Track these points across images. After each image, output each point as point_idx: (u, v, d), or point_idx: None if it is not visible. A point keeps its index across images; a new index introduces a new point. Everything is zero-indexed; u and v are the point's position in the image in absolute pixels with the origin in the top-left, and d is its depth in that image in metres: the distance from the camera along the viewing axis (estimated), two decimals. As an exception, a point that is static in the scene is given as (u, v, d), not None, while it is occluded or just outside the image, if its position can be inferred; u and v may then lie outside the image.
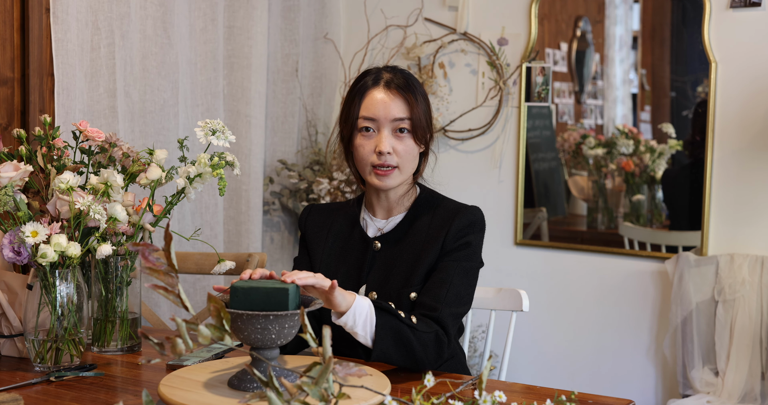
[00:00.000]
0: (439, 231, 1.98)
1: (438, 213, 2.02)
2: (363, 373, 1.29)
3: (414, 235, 2.01)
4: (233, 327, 1.58)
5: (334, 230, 2.09)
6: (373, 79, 1.99)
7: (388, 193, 2.04)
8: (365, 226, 2.08)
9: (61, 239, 1.78)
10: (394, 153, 1.95)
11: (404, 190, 2.04)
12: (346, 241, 2.07)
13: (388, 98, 1.96)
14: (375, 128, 1.97)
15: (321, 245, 2.09)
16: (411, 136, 1.96)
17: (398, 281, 1.98)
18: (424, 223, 2.01)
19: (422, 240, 1.99)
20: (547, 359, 3.39)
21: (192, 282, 3.15)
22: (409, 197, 2.06)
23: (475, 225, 1.99)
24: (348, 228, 2.09)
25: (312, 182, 3.43)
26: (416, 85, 2.00)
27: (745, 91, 2.99)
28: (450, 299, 1.91)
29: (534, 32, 3.34)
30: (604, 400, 1.68)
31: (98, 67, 2.73)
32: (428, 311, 1.88)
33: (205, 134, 1.91)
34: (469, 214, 1.99)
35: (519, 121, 3.38)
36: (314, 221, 2.13)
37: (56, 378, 1.76)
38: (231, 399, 1.54)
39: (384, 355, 1.77)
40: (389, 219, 2.06)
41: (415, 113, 1.95)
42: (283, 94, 3.54)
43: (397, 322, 1.79)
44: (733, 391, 2.87)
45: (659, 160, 3.23)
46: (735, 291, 2.92)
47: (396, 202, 2.05)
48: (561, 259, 3.36)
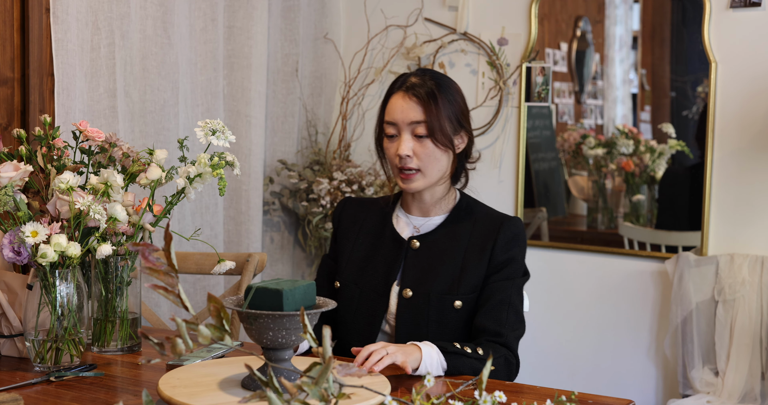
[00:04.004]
0: (484, 241, 2.00)
1: (479, 221, 2.03)
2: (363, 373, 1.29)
3: (456, 239, 2.02)
4: (246, 328, 1.60)
5: (365, 227, 2.11)
6: (399, 83, 2.01)
7: (423, 195, 2.05)
8: (398, 223, 2.09)
9: (61, 239, 1.78)
10: (414, 156, 1.97)
11: (441, 193, 2.05)
12: (376, 239, 2.09)
13: (405, 102, 1.97)
14: (396, 132, 1.99)
15: (350, 241, 2.11)
16: (430, 140, 1.96)
17: (440, 285, 1.99)
18: (465, 229, 2.02)
19: (465, 247, 2.00)
20: (547, 359, 3.38)
21: (192, 282, 3.15)
22: (448, 201, 2.07)
23: (519, 238, 2.02)
24: (380, 225, 2.10)
25: (312, 182, 3.43)
26: (441, 89, 1.98)
27: (745, 91, 2.99)
28: (512, 321, 1.95)
29: (534, 32, 3.34)
30: (604, 400, 1.68)
31: (98, 67, 2.73)
32: (494, 337, 1.93)
33: (205, 134, 1.91)
34: (513, 227, 2.01)
35: (519, 121, 3.38)
36: (347, 216, 2.15)
37: (56, 378, 1.76)
38: (231, 399, 1.54)
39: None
40: (428, 219, 2.07)
41: (431, 117, 1.95)
42: (283, 94, 3.54)
43: (465, 359, 1.83)
44: (733, 391, 2.87)
45: (659, 160, 3.23)
46: (735, 291, 2.92)
47: (433, 203, 2.06)
48: (561, 259, 3.36)
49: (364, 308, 2.04)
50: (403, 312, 1.99)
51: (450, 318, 1.97)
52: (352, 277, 2.08)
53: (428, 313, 1.97)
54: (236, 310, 1.58)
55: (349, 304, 2.06)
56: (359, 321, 2.04)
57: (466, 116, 2.04)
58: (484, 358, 1.84)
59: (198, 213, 3.13)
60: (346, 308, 2.06)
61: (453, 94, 2.01)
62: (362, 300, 2.04)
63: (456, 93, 2.02)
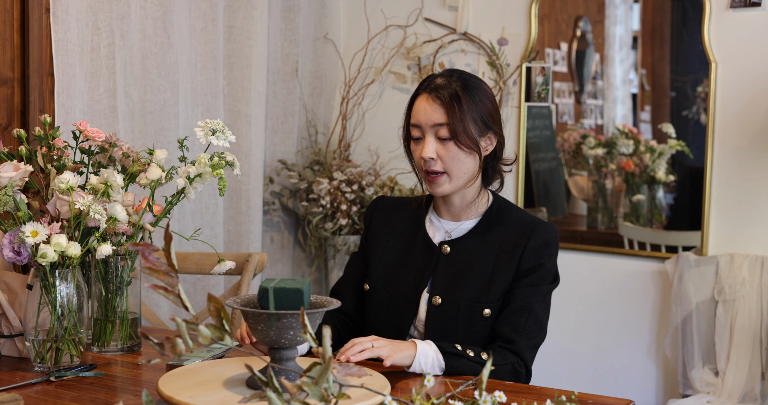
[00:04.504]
0: (515, 247, 1.95)
1: (512, 225, 1.98)
2: (363, 372, 1.29)
3: (487, 245, 1.97)
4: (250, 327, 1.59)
5: (397, 229, 2.07)
6: (425, 85, 1.97)
7: (453, 199, 2.01)
8: (430, 227, 2.05)
9: (61, 239, 1.78)
10: (439, 159, 1.93)
11: (472, 196, 2.00)
12: (408, 242, 2.05)
13: (428, 104, 1.93)
14: (421, 134, 1.95)
15: (382, 243, 2.07)
16: (454, 143, 1.92)
17: (469, 292, 1.95)
18: (498, 234, 1.98)
19: (496, 253, 1.96)
20: (547, 359, 3.38)
21: (192, 282, 3.15)
22: (479, 204, 2.02)
23: (550, 245, 1.98)
24: (412, 228, 2.06)
25: (312, 182, 3.43)
26: (468, 90, 1.93)
27: (745, 91, 2.99)
28: (529, 329, 1.91)
29: (534, 32, 3.34)
30: (604, 400, 1.68)
31: (98, 67, 2.73)
32: (506, 344, 1.89)
33: (205, 134, 1.91)
34: (544, 233, 1.97)
35: (519, 121, 3.38)
36: (379, 217, 2.11)
37: (56, 378, 1.76)
38: (231, 398, 1.54)
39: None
40: (459, 223, 2.02)
41: (453, 119, 1.90)
42: (283, 94, 3.54)
43: (465, 361, 1.80)
44: (733, 391, 2.87)
45: (659, 160, 3.23)
46: (735, 291, 2.92)
47: (463, 207, 2.01)
48: (561, 259, 3.34)
49: (393, 313, 2.00)
50: (432, 319, 1.96)
51: (479, 326, 1.93)
52: (382, 281, 2.04)
53: (457, 321, 1.94)
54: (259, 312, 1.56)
55: (378, 308, 2.03)
56: (388, 326, 2.00)
57: (495, 117, 1.98)
58: (485, 361, 1.80)
59: (198, 213, 3.13)
60: (375, 312, 2.03)
61: (480, 95, 1.95)
62: (391, 305, 2.00)
63: (484, 94, 1.96)
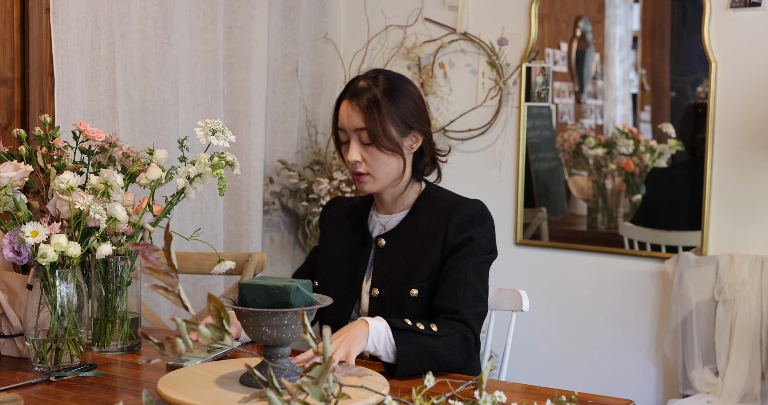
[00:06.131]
0: (438, 226, 2.00)
1: (438, 207, 2.03)
2: (363, 372, 1.29)
3: (416, 231, 2.03)
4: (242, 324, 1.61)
5: (344, 227, 2.14)
6: (347, 89, 2.00)
7: (383, 196, 2.07)
8: (371, 222, 2.12)
9: (61, 239, 1.78)
10: (363, 161, 1.97)
11: (399, 190, 2.06)
12: (351, 237, 2.12)
13: (349, 109, 1.97)
14: (347, 138, 2.01)
15: (330, 241, 2.15)
16: (374, 146, 1.96)
17: (399, 278, 2.00)
18: (425, 218, 2.03)
19: (423, 236, 2.01)
20: (547, 359, 3.38)
21: (192, 282, 3.15)
22: (409, 195, 2.07)
23: (474, 219, 2.00)
24: (355, 225, 2.13)
25: (312, 182, 3.43)
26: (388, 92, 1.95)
27: (745, 90, 2.99)
28: (468, 299, 1.93)
29: (534, 32, 3.34)
30: (604, 400, 1.68)
31: (98, 67, 2.73)
32: (451, 314, 1.91)
33: (205, 134, 1.91)
34: (466, 209, 1.99)
35: (519, 121, 3.38)
36: (330, 216, 2.19)
37: (56, 378, 1.76)
38: (230, 398, 1.54)
39: (408, 370, 1.78)
40: (392, 216, 2.08)
41: (372, 124, 1.94)
42: (283, 94, 3.54)
43: (416, 336, 1.80)
44: (733, 391, 2.87)
45: (659, 160, 3.23)
46: (735, 291, 2.92)
47: (393, 201, 2.08)
48: (561, 259, 3.36)
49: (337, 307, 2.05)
50: (373, 311, 2.02)
51: (408, 307, 1.97)
52: (329, 276, 2.12)
53: (391, 307, 1.99)
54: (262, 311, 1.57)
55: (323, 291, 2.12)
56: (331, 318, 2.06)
57: (419, 116, 2.00)
58: (438, 334, 1.82)
59: (198, 213, 3.13)
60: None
61: (400, 97, 1.97)
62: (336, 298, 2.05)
63: (406, 94, 1.98)
